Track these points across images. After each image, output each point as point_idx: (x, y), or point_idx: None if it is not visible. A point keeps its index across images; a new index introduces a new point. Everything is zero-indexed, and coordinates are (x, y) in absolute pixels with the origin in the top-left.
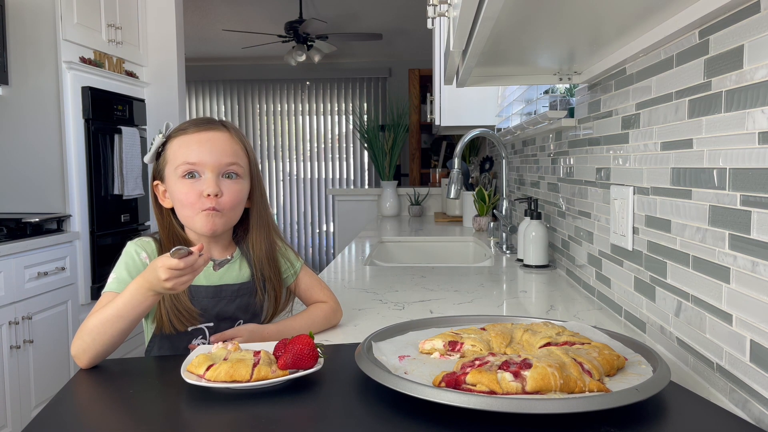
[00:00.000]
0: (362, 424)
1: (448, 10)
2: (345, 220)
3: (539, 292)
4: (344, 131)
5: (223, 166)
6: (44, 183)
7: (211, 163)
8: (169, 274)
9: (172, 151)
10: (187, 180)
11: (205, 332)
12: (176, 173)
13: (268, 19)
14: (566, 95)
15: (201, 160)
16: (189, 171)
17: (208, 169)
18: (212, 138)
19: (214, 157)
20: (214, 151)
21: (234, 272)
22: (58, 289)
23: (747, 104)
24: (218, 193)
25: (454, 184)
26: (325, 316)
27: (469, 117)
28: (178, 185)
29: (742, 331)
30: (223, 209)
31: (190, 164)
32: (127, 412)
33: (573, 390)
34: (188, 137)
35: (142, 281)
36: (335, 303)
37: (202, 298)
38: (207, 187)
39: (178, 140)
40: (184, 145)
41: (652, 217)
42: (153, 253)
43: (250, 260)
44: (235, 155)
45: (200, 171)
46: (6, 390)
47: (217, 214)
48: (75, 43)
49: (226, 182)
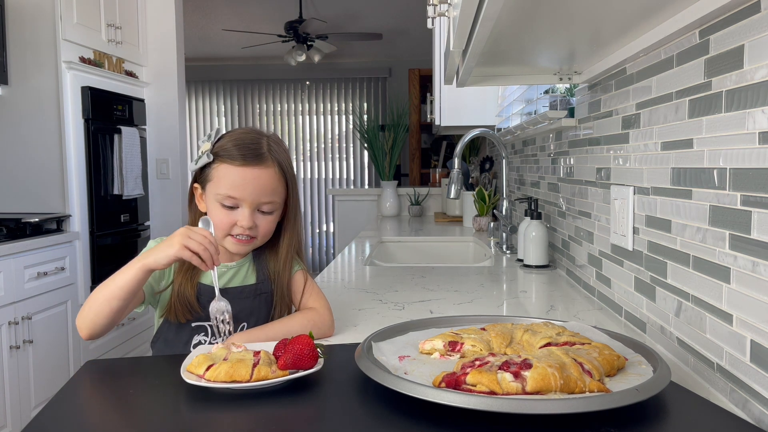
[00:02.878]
0: (362, 424)
1: (448, 10)
2: (345, 220)
3: (539, 292)
4: (344, 131)
5: (261, 204)
6: (44, 183)
7: (251, 200)
8: (188, 232)
9: (217, 175)
10: (224, 208)
11: (207, 330)
12: (216, 198)
13: (268, 19)
14: (566, 95)
15: (242, 197)
16: (229, 202)
17: (246, 205)
18: (258, 176)
19: (255, 195)
20: (256, 190)
21: (240, 276)
22: (57, 289)
23: (747, 104)
24: (252, 227)
25: (454, 184)
26: (309, 321)
27: (469, 117)
28: (215, 209)
29: (742, 331)
30: (256, 236)
31: (231, 198)
32: (127, 412)
33: (573, 390)
34: (236, 170)
35: (140, 256)
36: (324, 311)
37: (207, 297)
38: (242, 220)
39: (226, 167)
40: (230, 175)
41: (652, 217)
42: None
43: (263, 268)
44: (274, 193)
45: (239, 204)
46: (6, 390)
47: (247, 243)
48: (75, 42)
49: (260, 216)
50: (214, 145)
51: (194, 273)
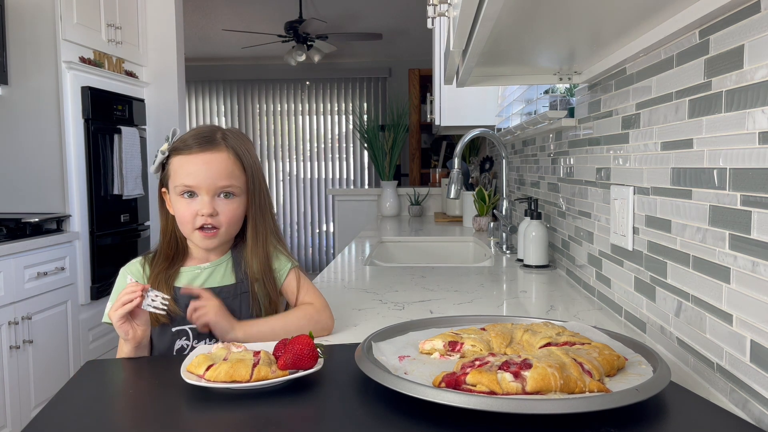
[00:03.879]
0: (362, 424)
1: (448, 10)
2: (345, 220)
3: (539, 292)
4: (344, 131)
5: (219, 188)
6: (44, 183)
7: (206, 185)
8: (111, 312)
9: (173, 169)
10: (184, 199)
11: (189, 333)
12: (175, 191)
13: (268, 19)
14: (566, 95)
15: (197, 183)
16: (186, 191)
17: (204, 191)
18: (210, 160)
19: (210, 180)
20: (211, 174)
21: (217, 277)
22: (57, 289)
23: (747, 104)
24: (213, 213)
25: (454, 184)
26: (306, 316)
27: (469, 117)
28: (177, 203)
29: (742, 331)
30: (220, 225)
31: (187, 186)
32: (127, 412)
33: (573, 390)
34: (188, 158)
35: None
36: (321, 306)
37: (186, 300)
38: (202, 207)
39: (179, 158)
40: (184, 165)
41: (652, 217)
42: (137, 273)
43: (241, 266)
44: (231, 176)
45: (197, 191)
46: (6, 390)
47: (213, 235)
48: (75, 43)
49: (221, 201)
50: (171, 145)
51: (169, 277)
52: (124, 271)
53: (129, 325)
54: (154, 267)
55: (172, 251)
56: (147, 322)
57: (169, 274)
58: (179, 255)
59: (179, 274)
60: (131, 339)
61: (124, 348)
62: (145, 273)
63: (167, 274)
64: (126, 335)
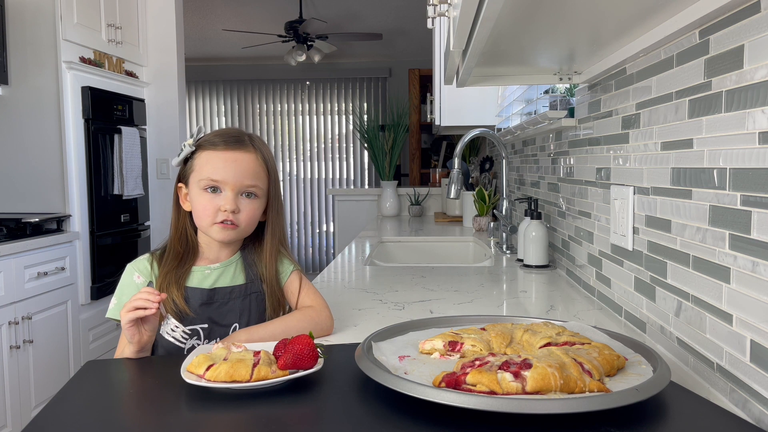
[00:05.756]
0: (362, 424)
1: (448, 10)
2: (345, 220)
3: (539, 292)
4: (344, 131)
5: (244, 187)
6: (44, 183)
7: (233, 182)
8: (123, 312)
9: (199, 163)
10: (208, 193)
11: (200, 333)
12: (199, 185)
13: (268, 19)
14: (566, 95)
15: (224, 179)
16: (211, 186)
17: (229, 188)
18: (238, 158)
19: (237, 177)
20: (238, 172)
21: (228, 276)
22: (57, 289)
23: (747, 104)
24: (235, 210)
25: (454, 184)
26: (306, 318)
27: (469, 117)
28: (199, 196)
29: (742, 331)
30: (239, 224)
31: (213, 181)
32: (127, 412)
33: (573, 390)
34: (216, 154)
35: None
36: (321, 307)
37: (197, 300)
38: (225, 203)
39: (207, 154)
40: (212, 160)
41: (652, 217)
42: (145, 271)
43: (251, 267)
44: (256, 177)
45: (221, 187)
46: (6, 390)
47: (232, 228)
48: (75, 43)
49: (244, 200)
50: (196, 140)
51: (180, 277)
52: (131, 268)
53: (137, 329)
54: (164, 265)
55: (183, 249)
56: (155, 329)
57: (180, 274)
58: (189, 253)
59: (190, 273)
60: (136, 343)
61: (125, 350)
62: (153, 271)
63: (177, 273)
64: (132, 338)
